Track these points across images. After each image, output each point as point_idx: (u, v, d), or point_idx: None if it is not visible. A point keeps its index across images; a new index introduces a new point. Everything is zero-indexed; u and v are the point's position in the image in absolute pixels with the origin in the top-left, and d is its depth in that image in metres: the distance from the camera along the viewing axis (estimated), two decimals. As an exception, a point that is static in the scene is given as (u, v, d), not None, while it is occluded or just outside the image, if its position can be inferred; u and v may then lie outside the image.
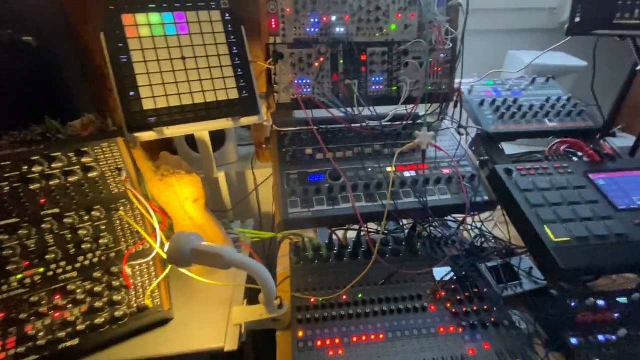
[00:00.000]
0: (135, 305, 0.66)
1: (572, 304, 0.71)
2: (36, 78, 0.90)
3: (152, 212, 0.68)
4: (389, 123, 0.81)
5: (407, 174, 0.76)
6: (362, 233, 0.79)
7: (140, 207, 0.71)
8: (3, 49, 0.83)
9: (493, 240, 0.89)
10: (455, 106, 0.90)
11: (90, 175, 0.68)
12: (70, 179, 0.66)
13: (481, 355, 0.62)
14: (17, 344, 0.58)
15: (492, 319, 0.68)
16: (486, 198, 0.73)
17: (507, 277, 0.77)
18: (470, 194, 0.73)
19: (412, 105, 0.82)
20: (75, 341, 0.61)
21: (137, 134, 0.68)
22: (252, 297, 0.75)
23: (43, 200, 0.67)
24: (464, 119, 0.94)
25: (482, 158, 0.81)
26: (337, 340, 0.64)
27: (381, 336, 0.65)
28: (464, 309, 0.70)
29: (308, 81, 0.81)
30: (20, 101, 0.81)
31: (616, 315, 0.69)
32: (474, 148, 0.91)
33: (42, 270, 0.66)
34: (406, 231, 0.83)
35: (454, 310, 0.69)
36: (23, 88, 0.82)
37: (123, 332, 0.64)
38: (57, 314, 0.63)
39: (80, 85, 0.98)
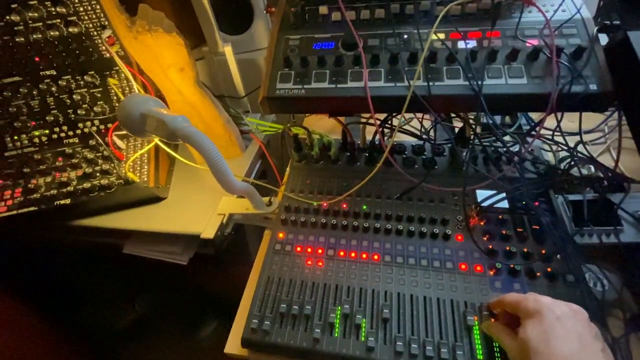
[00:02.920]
0: (123, 177, 0.64)
1: None
2: None
3: (132, 79, 0.60)
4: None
5: (462, 43, 0.49)
6: (385, 129, 0.59)
7: (126, 73, 0.63)
8: None
9: (593, 169, 0.59)
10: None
11: (72, 30, 0.61)
12: (52, 33, 0.60)
13: (512, 310, 0.43)
14: (21, 194, 0.62)
15: (549, 269, 0.46)
16: (594, 87, 0.44)
17: (597, 219, 0.51)
18: (566, 79, 0.44)
19: None
20: (68, 200, 0.62)
21: (111, -21, 0.56)
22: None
23: (37, 59, 0.63)
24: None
25: (607, 22, 0.48)
26: (319, 251, 0.52)
27: (375, 257, 0.50)
28: (507, 247, 0.49)
29: None
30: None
31: None
32: (600, 19, 0.55)
33: (47, 131, 0.67)
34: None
35: (490, 246, 0.49)
36: None
37: (112, 202, 0.63)
38: (57, 174, 0.64)
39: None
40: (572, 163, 0.57)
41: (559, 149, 0.59)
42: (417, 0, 0.53)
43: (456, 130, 0.62)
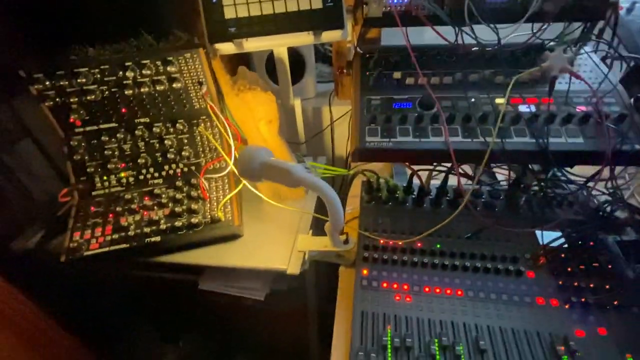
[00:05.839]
0: (209, 215, 0.69)
1: None
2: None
3: (228, 129, 0.67)
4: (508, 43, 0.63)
5: (523, 107, 0.59)
6: (450, 177, 0.67)
7: (218, 123, 0.70)
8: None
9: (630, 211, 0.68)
10: (609, 27, 0.66)
11: (174, 86, 0.69)
12: (158, 88, 0.68)
13: (592, 341, 0.49)
14: (112, 232, 0.66)
15: (615, 302, 0.52)
16: (638, 147, 0.53)
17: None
18: (615, 139, 0.54)
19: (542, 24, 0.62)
20: (158, 238, 0.66)
21: (217, 46, 0.66)
22: (317, 229, 0.72)
23: (136, 109, 0.70)
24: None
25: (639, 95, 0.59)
26: (405, 287, 0.57)
27: (459, 292, 0.56)
28: (575, 283, 0.55)
29: (405, -10, 0.67)
30: (118, 15, 0.84)
31: None
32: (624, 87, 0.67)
33: (134, 172, 0.72)
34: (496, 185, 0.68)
35: (560, 282, 0.56)
36: (121, 3, 0.85)
37: (198, 239, 0.68)
38: (145, 213, 0.69)
39: (170, 5, 0.99)
40: (614, 206, 0.65)
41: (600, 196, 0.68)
42: (478, 71, 0.64)
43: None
